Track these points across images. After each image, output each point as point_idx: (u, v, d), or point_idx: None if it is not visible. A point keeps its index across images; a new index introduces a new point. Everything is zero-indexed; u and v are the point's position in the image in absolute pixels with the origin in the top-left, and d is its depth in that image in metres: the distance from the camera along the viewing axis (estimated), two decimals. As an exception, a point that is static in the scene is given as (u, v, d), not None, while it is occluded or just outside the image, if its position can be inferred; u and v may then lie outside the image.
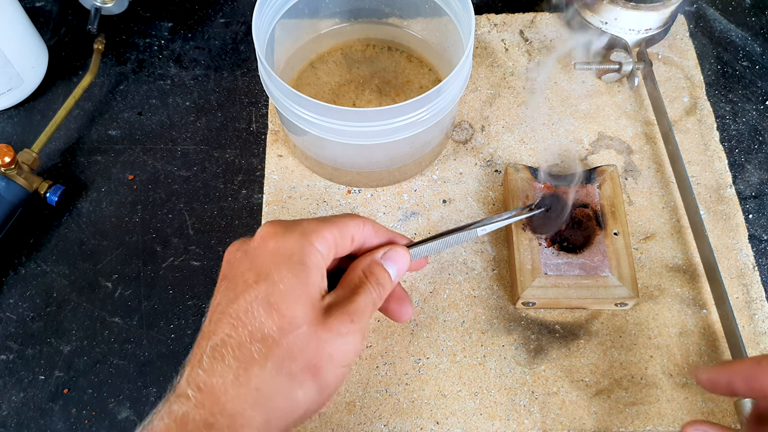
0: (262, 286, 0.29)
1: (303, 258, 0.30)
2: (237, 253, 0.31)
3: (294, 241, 0.30)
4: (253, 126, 0.57)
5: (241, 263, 0.31)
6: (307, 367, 0.29)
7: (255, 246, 0.31)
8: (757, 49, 0.60)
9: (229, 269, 0.31)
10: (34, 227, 0.53)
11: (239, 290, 0.29)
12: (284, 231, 0.31)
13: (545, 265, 0.46)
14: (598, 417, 0.44)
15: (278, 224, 0.31)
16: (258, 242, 0.31)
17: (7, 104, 0.57)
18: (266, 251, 0.30)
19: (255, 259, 0.30)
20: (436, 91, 0.42)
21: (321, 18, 0.57)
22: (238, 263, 0.31)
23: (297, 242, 0.30)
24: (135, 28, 0.63)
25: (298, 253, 0.30)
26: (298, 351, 0.28)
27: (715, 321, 0.47)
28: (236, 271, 0.30)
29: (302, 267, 0.30)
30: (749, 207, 0.52)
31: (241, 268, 0.30)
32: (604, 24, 0.57)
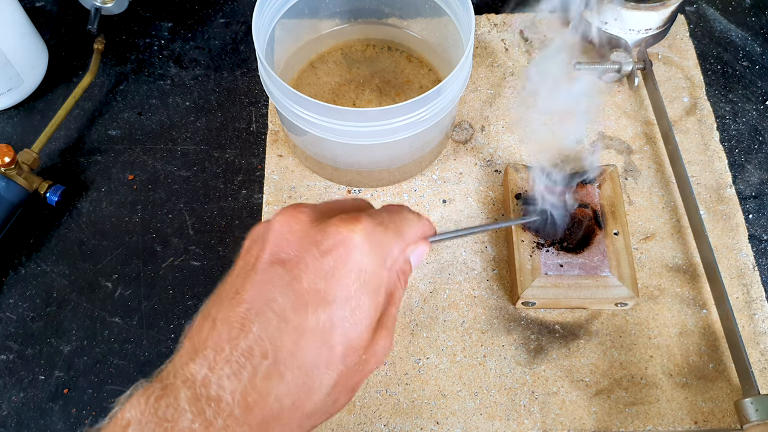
0: (338, 308, 0.27)
1: (382, 278, 0.29)
2: (310, 250, 0.28)
3: (377, 261, 0.28)
4: (253, 126, 0.57)
5: (314, 266, 0.27)
6: (349, 389, 0.28)
7: (338, 252, 0.27)
8: (757, 49, 0.60)
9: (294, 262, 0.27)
10: (34, 227, 0.53)
11: (311, 302, 0.27)
12: (370, 248, 0.28)
13: (545, 265, 0.46)
14: (598, 417, 0.44)
15: (364, 234, 0.28)
16: (343, 250, 0.28)
17: (7, 104, 0.57)
18: (349, 266, 0.27)
19: (335, 270, 0.27)
20: (436, 91, 0.42)
21: (321, 18, 0.57)
22: (310, 263, 0.27)
23: (380, 263, 0.28)
24: (135, 28, 0.63)
25: (380, 275, 0.28)
26: (348, 376, 0.28)
27: (715, 321, 0.47)
28: (306, 275, 0.27)
29: (378, 289, 0.28)
30: (749, 207, 0.52)
31: (314, 275, 0.27)
32: (604, 24, 0.57)
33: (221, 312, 0.27)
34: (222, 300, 0.28)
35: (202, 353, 0.26)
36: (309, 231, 0.28)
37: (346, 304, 0.27)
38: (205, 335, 0.27)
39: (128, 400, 0.26)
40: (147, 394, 0.26)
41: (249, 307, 0.27)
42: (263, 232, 0.29)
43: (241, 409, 0.25)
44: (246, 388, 0.25)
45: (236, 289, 0.28)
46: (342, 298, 0.27)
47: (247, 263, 0.29)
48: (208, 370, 0.26)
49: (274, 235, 0.28)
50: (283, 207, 0.30)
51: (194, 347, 0.27)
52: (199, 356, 0.26)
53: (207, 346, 0.26)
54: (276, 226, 0.29)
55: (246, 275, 0.28)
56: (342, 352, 0.27)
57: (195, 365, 0.26)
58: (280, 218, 0.29)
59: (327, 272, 0.27)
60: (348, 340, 0.27)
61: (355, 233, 0.28)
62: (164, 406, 0.25)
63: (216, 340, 0.26)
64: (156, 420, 0.25)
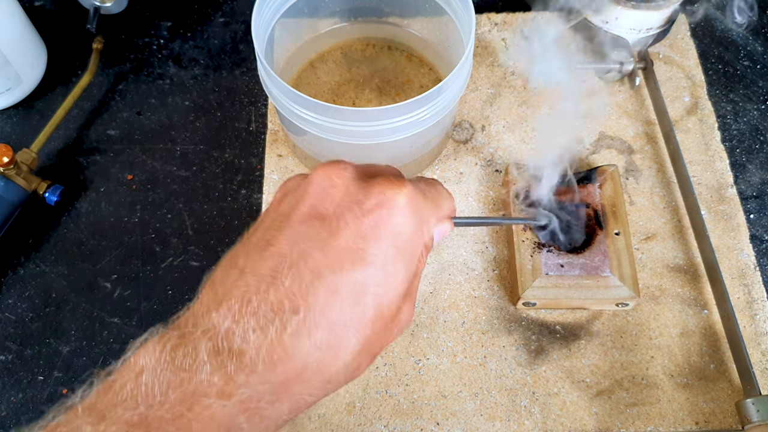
0: (374, 270, 0.26)
1: (417, 246, 0.28)
2: (351, 208, 0.27)
3: (415, 227, 0.28)
4: (252, 126, 0.57)
5: (354, 224, 0.26)
6: (371, 355, 0.27)
7: (380, 213, 0.27)
8: (758, 48, 0.60)
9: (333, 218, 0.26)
10: (32, 227, 0.52)
11: (347, 262, 0.25)
12: (411, 212, 0.27)
13: (546, 265, 0.45)
14: (599, 418, 0.44)
15: (408, 199, 0.27)
16: (385, 211, 0.27)
17: (5, 104, 0.57)
18: (389, 229, 0.26)
19: (375, 231, 0.26)
20: (436, 91, 0.42)
21: (321, 17, 0.57)
22: (350, 221, 0.26)
23: (417, 230, 0.28)
24: (134, 27, 0.63)
25: (416, 242, 0.28)
26: (373, 342, 0.27)
27: (717, 321, 0.47)
28: (345, 232, 0.26)
29: (413, 256, 0.28)
30: (750, 207, 0.52)
31: (353, 233, 0.26)
32: (605, 23, 0.57)
33: (250, 262, 0.26)
34: (251, 250, 0.27)
35: (227, 303, 0.25)
36: (351, 188, 0.27)
37: (383, 268, 0.26)
38: (230, 285, 0.26)
39: (142, 346, 0.25)
40: (163, 342, 0.25)
41: (282, 260, 0.25)
42: (300, 184, 0.28)
43: (265, 366, 0.24)
44: (272, 343, 0.24)
45: (268, 240, 0.26)
46: (380, 260, 0.26)
47: (281, 215, 0.27)
48: (232, 321, 0.24)
49: (314, 188, 0.27)
50: (324, 162, 0.29)
51: (217, 297, 0.26)
52: (222, 306, 0.25)
53: (232, 297, 0.25)
54: (317, 180, 0.28)
55: (280, 227, 0.27)
56: (373, 317, 0.26)
57: (218, 315, 0.25)
58: (321, 172, 0.28)
59: (367, 232, 0.26)
60: (380, 304, 0.26)
61: (399, 196, 0.27)
62: (182, 356, 0.24)
63: (243, 291, 0.25)
64: (172, 369, 0.24)
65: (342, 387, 0.28)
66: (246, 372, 0.24)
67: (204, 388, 0.23)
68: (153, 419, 0.23)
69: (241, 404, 0.24)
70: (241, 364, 0.24)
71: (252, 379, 0.24)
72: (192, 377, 0.24)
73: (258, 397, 0.24)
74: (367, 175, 0.29)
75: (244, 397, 0.24)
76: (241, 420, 0.24)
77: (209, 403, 0.23)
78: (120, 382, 0.24)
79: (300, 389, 0.25)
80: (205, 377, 0.23)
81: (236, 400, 0.24)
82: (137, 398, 0.23)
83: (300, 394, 0.25)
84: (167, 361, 0.24)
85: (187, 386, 0.23)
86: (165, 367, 0.24)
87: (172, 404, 0.23)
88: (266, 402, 0.24)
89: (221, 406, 0.23)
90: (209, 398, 0.23)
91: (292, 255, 0.26)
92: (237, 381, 0.24)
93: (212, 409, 0.23)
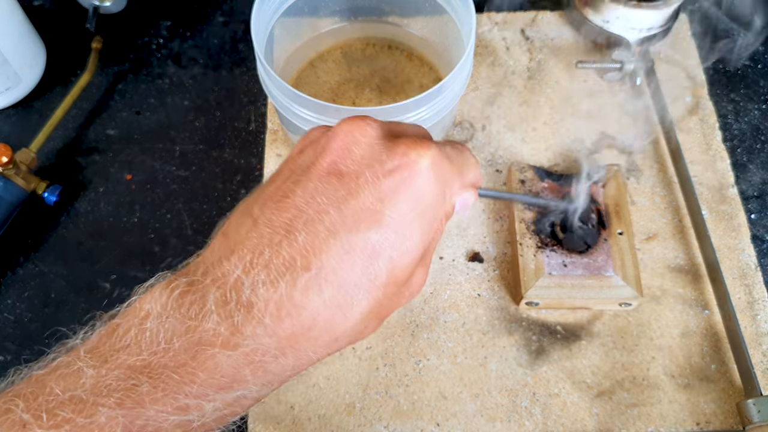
0: (390, 233, 0.25)
1: (438, 213, 0.27)
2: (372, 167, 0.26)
3: (438, 193, 0.27)
4: (252, 125, 0.57)
5: (374, 184, 0.26)
6: (379, 319, 0.27)
7: (401, 174, 0.26)
8: (759, 48, 0.60)
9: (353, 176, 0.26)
10: (31, 227, 0.52)
11: (364, 222, 0.25)
12: (435, 176, 0.27)
13: (549, 264, 0.45)
14: (600, 419, 0.44)
15: (432, 162, 0.27)
16: (407, 173, 0.26)
17: (4, 103, 0.57)
18: (410, 193, 0.26)
19: (395, 194, 0.26)
20: (436, 90, 0.42)
21: (320, 17, 0.57)
22: (371, 181, 0.26)
23: (440, 195, 0.27)
24: (133, 27, 0.63)
25: (437, 208, 0.27)
26: (383, 305, 0.26)
27: (718, 322, 0.47)
28: (364, 192, 0.25)
29: (432, 223, 0.27)
30: (752, 207, 0.52)
31: (372, 193, 0.25)
32: (605, 23, 0.57)
33: (265, 213, 0.26)
34: (267, 201, 0.26)
35: (238, 253, 0.25)
36: (375, 147, 0.27)
37: (400, 231, 0.26)
38: (243, 235, 0.25)
39: (149, 291, 0.25)
40: (171, 288, 0.24)
41: (297, 214, 0.25)
42: (322, 137, 0.28)
43: (273, 320, 0.24)
44: (281, 298, 0.24)
45: (285, 192, 0.26)
46: (397, 223, 0.26)
47: (299, 167, 0.27)
48: (242, 272, 0.24)
49: (336, 143, 0.27)
50: (348, 116, 0.28)
51: (229, 246, 0.25)
52: (234, 256, 0.25)
53: (245, 247, 0.25)
54: (340, 135, 0.27)
55: (297, 180, 0.26)
56: (385, 280, 0.26)
57: (228, 265, 0.25)
58: (346, 127, 0.27)
59: (387, 193, 0.26)
60: (393, 267, 0.26)
61: (423, 158, 0.26)
62: (188, 304, 0.24)
63: (256, 242, 0.25)
64: (178, 317, 0.24)
65: (346, 347, 0.28)
66: (253, 324, 0.23)
67: (209, 337, 0.23)
68: (156, 366, 0.23)
69: (246, 356, 0.24)
70: (248, 316, 0.23)
71: (259, 331, 0.23)
72: (198, 326, 0.23)
73: (263, 350, 0.24)
74: (392, 134, 0.28)
75: (249, 349, 0.23)
76: (246, 372, 0.24)
77: (214, 352, 0.23)
78: (124, 327, 0.24)
79: (306, 346, 0.25)
80: (211, 326, 0.23)
81: (241, 352, 0.23)
82: (141, 344, 0.23)
83: (305, 351, 0.25)
84: (173, 308, 0.24)
85: (192, 335, 0.23)
86: (171, 314, 0.24)
87: (177, 352, 0.23)
88: (271, 356, 0.24)
89: (226, 356, 0.23)
90: (214, 348, 0.23)
91: (308, 211, 0.25)
92: (243, 332, 0.23)
93: (217, 358, 0.23)
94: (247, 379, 0.24)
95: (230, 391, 0.24)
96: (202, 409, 0.23)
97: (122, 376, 0.23)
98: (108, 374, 0.23)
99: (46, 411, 0.22)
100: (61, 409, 0.22)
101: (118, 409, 0.22)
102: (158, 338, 0.23)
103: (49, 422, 0.21)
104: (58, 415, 0.22)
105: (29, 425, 0.21)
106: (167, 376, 0.23)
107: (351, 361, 0.46)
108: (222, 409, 0.24)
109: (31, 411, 0.22)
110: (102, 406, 0.22)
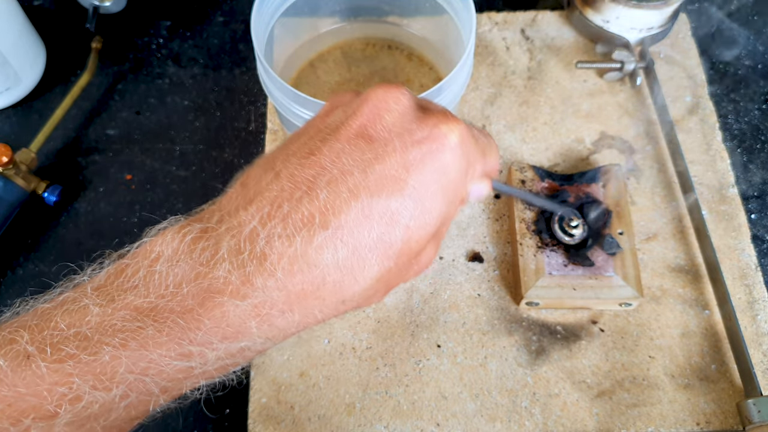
0: (411, 202, 0.25)
1: (458, 190, 0.27)
2: (402, 135, 0.26)
3: (461, 170, 0.27)
4: (251, 125, 0.57)
5: (402, 152, 0.26)
6: (387, 288, 0.27)
7: (429, 146, 0.26)
8: (759, 48, 0.60)
9: (381, 142, 0.26)
10: (31, 227, 0.52)
11: (387, 188, 0.25)
12: (461, 153, 0.27)
13: (549, 264, 0.45)
14: (600, 419, 0.44)
15: (461, 138, 0.27)
16: (436, 146, 0.26)
17: (4, 103, 0.57)
18: (436, 165, 0.26)
19: (421, 164, 0.26)
20: (436, 90, 0.42)
21: (320, 16, 0.57)
22: (399, 148, 0.26)
23: (463, 172, 0.27)
24: (133, 26, 0.63)
25: (458, 185, 0.27)
26: (392, 275, 0.26)
27: (718, 322, 0.47)
28: (391, 159, 0.25)
29: (453, 199, 0.27)
30: (752, 207, 0.52)
31: (398, 161, 0.25)
32: (605, 22, 0.57)
33: (288, 168, 0.26)
34: (291, 156, 0.26)
35: (257, 204, 0.25)
36: (407, 116, 0.27)
37: (421, 202, 0.26)
38: (263, 186, 0.25)
39: (161, 233, 0.24)
40: (184, 232, 0.24)
41: (321, 172, 0.25)
42: (354, 100, 0.28)
43: (284, 274, 0.23)
44: (296, 253, 0.24)
45: (311, 149, 0.26)
46: (419, 193, 0.25)
47: (328, 126, 0.27)
48: (258, 223, 0.24)
49: (367, 107, 0.27)
50: (382, 82, 0.28)
51: (248, 195, 0.25)
52: (252, 206, 0.25)
53: (264, 198, 0.25)
54: (372, 99, 0.27)
55: (324, 139, 0.26)
56: (398, 249, 0.25)
57: (245, 214, 0.24)
58: (380, 93, 0.27)
59: (413, 163, 0.26)
60: (408, 238, 0.26)
61: (452, 133, 0.26)
62: (201, 250, 0.24)
63: (276, 194, 0.25)
64: (189, 262, 0.23)
65: (352, 310, 0.27)
66: (264, 276, 0.23)
67: (219, 285, 0.23)
68: (162, 309, 0.23)
69: (254, 308, 0.23)
70: (261, 268, 0.23)
71: (269, 284, 0.23)
72: (208, 272, 0.23)
73: (271, 303, 0.24)
74: (423, 106, 0.28)
75: (258, 301, 0.23)
76: (252, 324, 0.24)
77: (222, 301, 0.23)
78: (133, 268, 0.24)
79: (313, 304, 0.25)
80: (222, 274, 0.23)
81: (249, 303, 0.23)
82: (149, 286, 0.23)
83: (312, 309, 0.25)
84: (185, 252, 0.24)
85: (202, 281, 0.23)
86: (182, 258, 0.23)
87: (184, 297, 0.23)
88: (278, 310, 0.24)
89: (234, 306, 0.23)
90: (223, 296, 0.23)
91: (333, 170, 0.25)
92: (254, 283, 0.23)
93: (224, 307, 0.23)
94: (252, 331, 0.24)
95: (234, 342, 0.24)
96: (205, 356, 0.23)
97: (128, 317, 0.22)
98: (114, 314, 0.23)
99: (51, 345, 0.22)
100: (65, 344, 0.22)
101: (122, 350, 0.22)
102: (167, 281, 0.23)
103: (53, 356, 0.21)
104: (62, 350, 0.22)
105: (33, 357, 0.21)
106: (173, 321, 0.23)
107: (351, 361, 0.46)
108: (225, 358, 0.24)
109: (35, 343, 0.22)
110: (106, 345, 0.22)
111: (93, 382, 0.21)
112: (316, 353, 0.46)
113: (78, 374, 0.21)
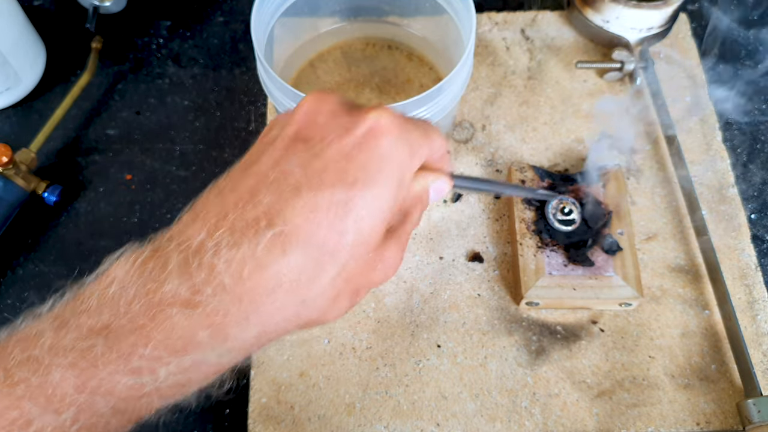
0: (357, 190, 0.25)
1: (405, 174, 0.27)
2: (336, 130, 0.26)
3: (404, 152, 0.27)
4: (252, 125, 0.57)
5: (338, 145, 0.26)
6: (351, 291, 0.27)
7: (365, 134, 0.26)
8: (759, 48, 0.60)
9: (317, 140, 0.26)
10: (31, 227, 0.52)
11: (329, 179, 0.25)
12: (399, 135, 0.27)
13: (549, 264, 0.45)
14: (600, 419, 0.44)
15: (395, 121, 0.27)
16: (371, 132, 0.26)
17: (4, 103, 0.57)
18: (375, 150, 0.26)
19: (360, 152, 0.26)
20: (436, 90, 0.42)
21: (320, 16, 0.57)
22: (335, 142, 0.26)
23: (406, 154, 0.27)
24: (133, 26, 0.63)
25: (404, 169, 0.27)
26: (353, 273, 0.26)
27: (718, 322, 0.47)
28: (329, 152, 0.26)
29: (401, 183, 0.27)
30: (752, 207, 0.52)
31: (337, 154, 0.26)
32: (605, 22, 0.57)
33: (230, 182, 0.26)
34: (233, 173, 0.27)
35: (203, 218, 0.25)
36: (338, 113, 0.27)
37: (366, 190, 0.25)
38: (209, 203, 0.26)
39: (116, 260, 0.25)
40: (135, 255, 0.25)
41: (262, 178, 0.25)
42: (288, 115, 0.28)
43: (233, 280, 0.23)
44: (243, 258, 0.24)
45: (251, 162, 0.27)
46: (363, 181, 0.25)
47: (266, 142, 0.27)
48: (206, 235, 0.24)
49: (300, 115, 0.27)
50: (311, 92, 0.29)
51: (195, 214, 0.26)
52: (198, 221, 0.25)
53: (209, 212, 0.25)
54: (304, 107, 0.28)
55: (263, 150, 0.27)
56: (351, 241, 0.25)
57: (192, 230, 0.25)
58: (309, 99, 0.28)
59: (351, 152, 0.26)
60: (360, 228, 0.25)
61: (382, 117, 0.27)
62: (151, 269, 0.24)
63: (220, 207, 0.25)
64: (140, 280, 0.24)
65: (322, 324, 0.27)
66: (213, 285, 0.23)
67: (168, 298, 0.23)
68: (114, 328, 0.23)
69: (206, 317, 0.23)
70: (209, 276, 0.23)
71: (219, 290, 0.23)
72: (158, 288, 0.23)
73: (225, 311, 0.24)
74: (354, 105, 0.29)
75: (209, 309, 0.23)
76: (203, 334, 0.23)
77: (171, 313, 0.23)
78: (88, 293, 0.24)
79: (270, 311, 0.24)
80: (171, 288, 0.23)
81: (200, 312, 0.23)
82: (102, 308, 0.23)
83: (270, 317, 0.25)
84: (136, 273, 0.24)
85: (152, 297, 0.23)
86: (133, 279, 0.24)
87: (136, 314, 0.23)
88: (233, 319, 0.24)
89: (184, 316, 0.23)
90: (173, 308, 0.23)
91: (273, 173, 0.25)
92: (203, 292, 0.23)
93: (174, 319, 0.23)
94: (203, 342, 0.24)
95: (185, 355, 0.23)
96: (156, 372, 0.23)
97: (80, 337, 0.23)
98: (66, 335, 0.23)
99: (4, 371, 0.22)
100: (18, 368, 0.22)
101: (72, 370, 0.22)
102: (119, 301, 0.23)
103: (6, 382, 0.22)
104: (14, 375, 0.22)
105: None
106: (123, 337, 0.23)
107: (351, 361, 0.46)
108: (177, 374, 0.24)
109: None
110: (57, 366, 0.22)
111: (44, 404, 0.22)
112: (316, 353, 0.46)
113: (29, 397, 0.22)
